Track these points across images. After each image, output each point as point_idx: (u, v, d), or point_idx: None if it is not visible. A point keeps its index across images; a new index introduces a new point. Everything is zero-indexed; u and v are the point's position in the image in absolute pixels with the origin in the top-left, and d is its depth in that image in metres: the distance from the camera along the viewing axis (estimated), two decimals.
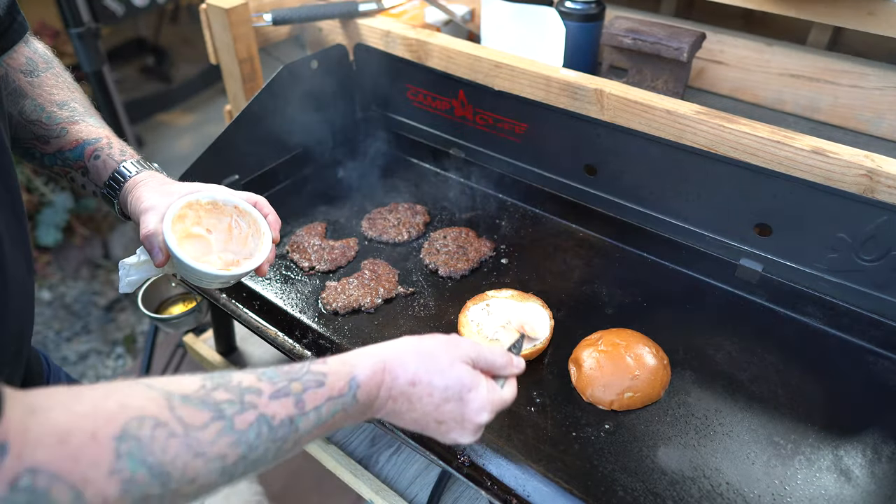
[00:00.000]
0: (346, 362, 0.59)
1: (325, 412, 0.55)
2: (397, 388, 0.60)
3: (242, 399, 0.50)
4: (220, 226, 0.79)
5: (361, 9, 1.30)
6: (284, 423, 0.52)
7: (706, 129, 0.95)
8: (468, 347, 0.64)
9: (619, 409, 0.82)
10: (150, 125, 3.36)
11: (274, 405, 0.51)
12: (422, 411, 0.61)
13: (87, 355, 2.43)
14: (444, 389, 0.61)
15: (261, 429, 0.50)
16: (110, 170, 0.80)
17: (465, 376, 0.62)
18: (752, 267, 0.96)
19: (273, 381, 0.53)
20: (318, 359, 0.58)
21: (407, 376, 0.60)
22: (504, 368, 0.66)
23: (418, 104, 1.26)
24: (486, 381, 0.64)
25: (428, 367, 0.61)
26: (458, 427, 0.62)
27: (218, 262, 0.77)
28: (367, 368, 0.59)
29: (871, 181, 0.84)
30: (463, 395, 0.61)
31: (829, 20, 1.09)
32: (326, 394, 0.55)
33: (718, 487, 0.73)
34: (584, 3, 1.16)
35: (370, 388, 0.58)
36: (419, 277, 1.04)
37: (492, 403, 0.63)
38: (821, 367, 0.88)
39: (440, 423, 0.62)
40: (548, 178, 1.15)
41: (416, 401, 0.61)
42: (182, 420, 0.45)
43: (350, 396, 0.57)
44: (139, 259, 0.78)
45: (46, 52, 0.86)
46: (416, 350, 0.62)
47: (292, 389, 0.53)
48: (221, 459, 0.47)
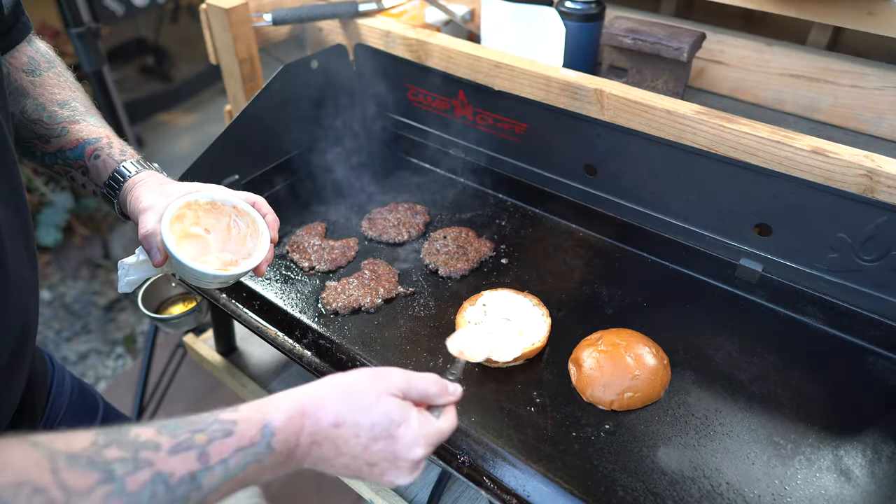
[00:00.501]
0: (259, 409, 0.54)
1: (234, 465, 0.50)
2: (320, 432, 0.56)
3: (137, 456, 0.45)
4: (218, 226, 0.79)
5: (361, 9, 1.30)
6: (184, 481, 0.47)
7: (706, 129, 0.95)
8: (396, 379, 0.61)
9: (619, 409, 0.82)
10: (150, 125, 3.36)
11: (173, 461, 0.47)
12: (350, 454, 0.57)
13: (87, 355, 2.43)
14: (371, 427, 0.57)
15: (156, 489, 0.45)
16: (110, 169, 0.80)
17: (393, 411, 0.58)
18: (752, 267, 0.96)
19: (174, 434, 0.48)
20: (229, 407, 0.54)
21: (329, 418, 0.56)
22: (438, 397, 0.63)
23: (418, 104, 1.26)
24: (417, 414, 0.60)
25: (352, 405, 0.57)
26: (391, 467, 0.59)
27: (216, 261, 0.77)
28: (282, 413, 0.54)
29: (871, 181, 0.84)
30: (392, 431, 0.58)
31: (829, 20, 1.09)
32: (235, 444, 0.51)
33: (718, 487, 0.73)
34: (584, 3, 1.16)
35: (287, 435, 0.54)
36: (419, 277, 1.04)
37: (425, 437, 0.59)
38: (821, 367, 0.88)
39: (372, 465, 0.58)
40: (548, 178, 1.15)
41: (343, 444, 0.56)
42: (64, 485, 0.41)
43: (263, 445, 0.52)
44: (138, 259, 0.78)
45: (49, 51, 0.86)
46: (338, 388, 0.59)
47: (195, 441, 0.49)
48: None
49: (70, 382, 0.95)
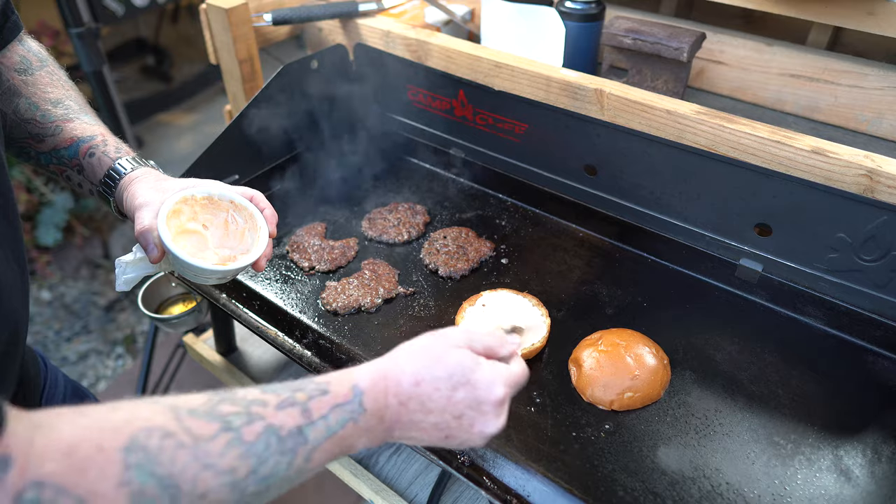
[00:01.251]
0: (347, 373, 0.57)
1: (334, 421, 0.53)
2: (404, 392, 0.58)
3: (249, 410, 0.49)
4: (216, 221, 0.79)
5: (361, 9, 1.30)
6: (293, 434, 0.50)
7: (706, 129, 0.95)
8: (459, 334, 0.63)
9: (619, 409, 0.82)
10: (150, 125, 3.36)
11: (281, 415, 0.50)
12: (437, 409, 0.58)
13: (87, 355, 2.43)
14: (449, 378, 0.59)
15: (269, 440, 0.48)
16: (105, 167, 0.79)
17: (465, 359, 0.60)
18: (752, 267, 0.96)
19: (278, 393, 0.52)
20: (319, 375, 0.57)
21: (408, 377, 0.58)
22: (501, 347, 0.64)
23: (418, 104, 1.26)
24: (487, 360, 0.62)
25: (425, 362, 0.59)
26: (478, 414, 0.59)
27: (214, 257, 0.77)
28: (366, 375, 0.57)
29: (871, 181, 0.84)
30: (468, 377, 0.59)
31: (829, 20, 1.09)
32: (332, 401, 0.53)
33: (718, 487, 0.73)
34: (584, 3, 1.16)
35: (376, 394, 0.56)
36: (419, 277, 1.04)
37: (502, 377, 0.61)
38: (821, 367, 0.88)
39: (459, 417, 0.59)
40: (548, 178, 1.15)
41: (427, 399, 0.58)
42: (190, 431, 0.44)
43: (356, 403, 0.55)
44: (135, 256, 0.78)
45: (41, 50, 0.85)
46: (409, 351, 0.61)
47: (297, 399, 0.52)
48: (231, 473, 0.46)
49: (63, 384, 0.95)
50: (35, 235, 2.52)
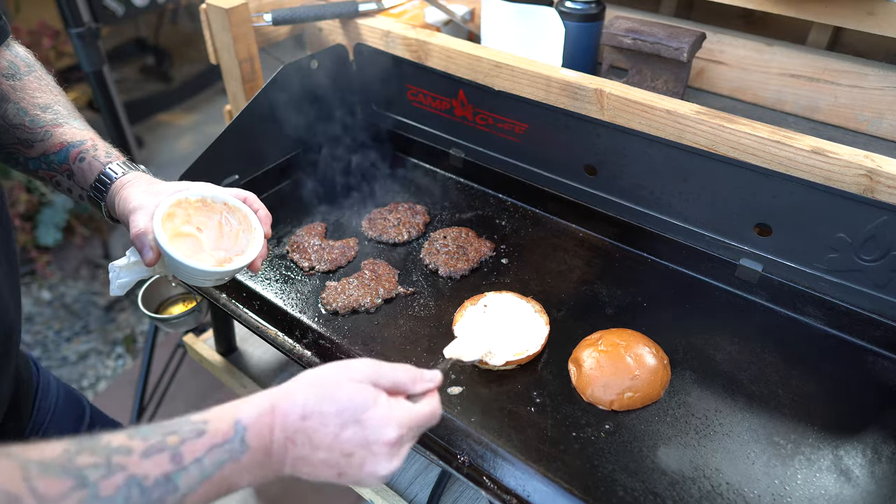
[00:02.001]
0: (231, 408, 0.54)
1: (210, 463, 0.50)
2: (290, 425, 0.55)
3: (109, 461, 0.45)
4: (210, 223, 0.79)
5: (361, 9, 1.30)
6: (159, 483, 0.46)
7: (706, 129, 0.95)
8: (364, 367, 0.60)
9: (619, 409, 0.82)
10: (150, 125, 3.36)
11: (146, 464, 0.46)
12: (324, 446, 0.56)
13: (87, 355, 2.43)
14: (338, 415, 0.56)
15: (130, 492, 0.45)
16: (96, 171, 0.79)
17: (359, 395, 0.57)
18: (752, 267, 0.96)
19: (146, 438, 0.48)
20: (200, 412, 0.54)
21: (297, 410, 0.55)
22: (412, 384, 0.62)
23: (418, 104, 1.26)
24: (386, 398, 0.59)
25: (317, 395, 0.57)
26: (368, 454, 0.57)
27: (210, 259, 0.77)
28: (253, 409, 0.54)
29: (871, 181, 0.85)
30: (358, 416, 0.56)
31: (829, 20, 1.09)
32: (208, 442, 0.50)
33: (718, 487, 0.73)
34: (584, 3, 1.16)
35: (260, 429, 0.54)
36: (419, 277, 1.04)
37: (397, 419, 0.58)
38: (821, 367, 0.88)
39: (349, 455, 0.56)
40: (548, 178, 1.15)
41: (314, 434, 0.55)
42: (37, 492, 0.41)
43: (237, 442, 0.52)
44: (129, 261, 0.77)
45: (28, 55, 0.85)
46: (305, 382, 0.58)
47: (168, 443, 0.48)
48: None
49: (56, 387, 0.95)
50: (35, 235, 2.52)
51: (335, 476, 0.58)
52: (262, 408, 0.55)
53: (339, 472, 0.58)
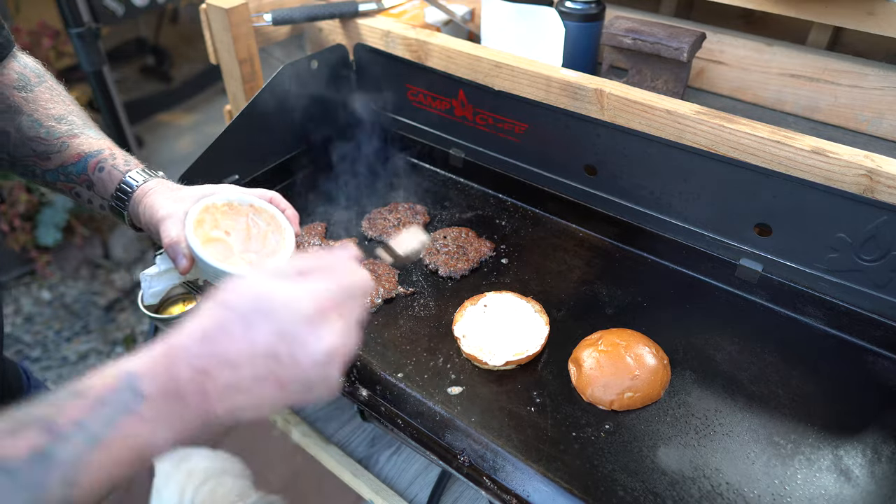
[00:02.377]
0: (119, 362, 0.47)
1: (97, 425, 0.42)
2: (195, 355, 0.47)
3: None
4: (237, 226, 0.79)
5: (361, 9, 1.30)
6: (32, 461, 0.40)
7: (706, 129, 0.95)
8: (264, 271, 0.53)
9: (619, 409, 0.82)
10: (150, 125, 3.36)
11: (9, 444, 0.40)
12: (245, 359, 0.48)
13: (87, 355, 2.43)
14: (241, 317, 0.49)
15: None
16: (116, 181, 0.78)
17: (253, 288, 0.50)
18: (752, 267, 0.96)
19: (14, 416, 0.42)
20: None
21: (195, 336, 0.48)
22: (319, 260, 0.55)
23: (418, 104, 1.26)
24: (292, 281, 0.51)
25: (213, 314, 0.49)
26: (293, 342, 0.49)
27: (241, 262, 0.77)
28: (142, 358, 0.47)
29: (871, 181, 0.85)
30: (262, 305, 0.49)
31: (829, 20, 1.09)
32: (89, 404, 0.43)
33: (718, 487, 0.73)
34: (584, 3, 1.16)
35: (157, 374, 0.46)
36: (419, 277, 1.04)
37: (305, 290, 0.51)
38: (821, 367, 0.88)
39: (274, 356, 0.48)
40: (548, 178, 1.15)
41: (227, 352, 0.48)
42: None
43: (127, 392, 0.44)
44: (160, 269, 0.78)
45: (37, 66, 0.84)
46: (197, 316, 0.50)
47: (35, 416, 0.42)
48: None
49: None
50: (35, 235, 2.52)
51: (278, 389, 0.49)
52: (154, 352, 0.48)
53: (279, 383, 0.49)
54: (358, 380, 0.87)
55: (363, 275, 0.57)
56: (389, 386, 0.85)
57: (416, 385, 0.85)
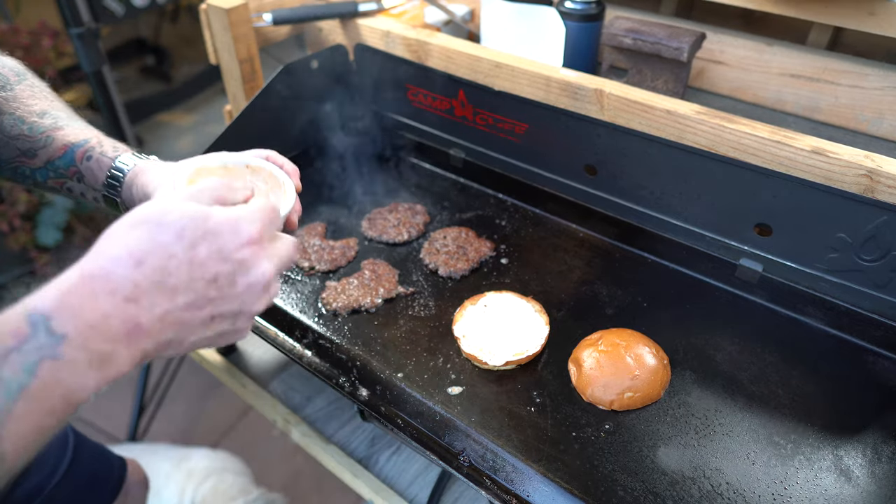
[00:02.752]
0: (21, 302, 0.42)
1: (12, 375, 0.38)
2: (122, 283, 0.42)
3: None
4: None
5: (361, 9, 1.30)
6: None
7: (706, 129, 0.95)
8: (176, 193, 0.50)
9: (619, 409, 0.82)
10: (150, 125, 3.36)
11: None
12: (183, 283, 0.44)
13: None
14: (181, 237, 0.45)
15: None
16: (106, 168, 0.76)
17: (190, 210, 0.46)
18: (752, 267, 0.96)
19: None
20: None
21: (122, 261, 0.43)
22: (232, 192, 0.52)
23: (418, 104, 1.26)
24: (220, 207, 0.49)
25: (143, 233, 0.45)
26: (235, 266, 0.47)
27: None
28: (50, 291, 0.42)
29: (872, 181, 0.84)
30: (204, 226, 0.46)
31: (829, 20, 1.09)
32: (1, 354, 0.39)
33: (718, 487, 0.73)
34: (584, 3, 1.16)
35: (73, 309, 0.41)
36: (419, 277, 1.04)
37: (245, 213, 0.49)
38: (821, 367, 0.88)
39: (214, 280, 0.46)
40: (548, 178, 1.15)
41: (166, 276, 0.44)
42: None
43: (42, 335, 0.40)
44: None
45: (17, 65, 0.82)
46: (117, 231, 0.45)
47: None
48: None
49: None
50: (35, 235, 2.52)
51: (208, 321, 0.46)
52: (67, 283, 0.42)
53: (215, 314, 0.46)
54: (358, 380, 0.87)
55: (273, 206, 0.53)
56: (389, 386, 0.85)
57: (416, 385, 0.85)
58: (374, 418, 0.85)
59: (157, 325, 0.44)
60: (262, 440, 2.05)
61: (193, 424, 2.13)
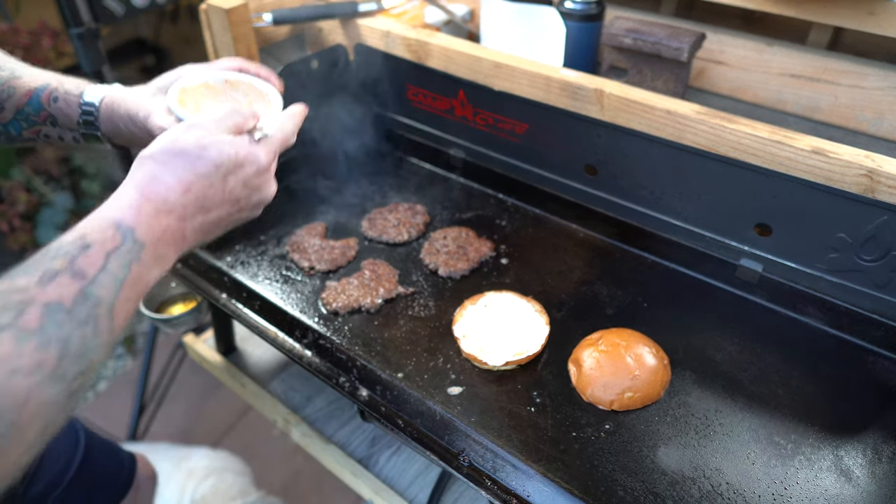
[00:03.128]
0: (97, 217, 0.53)
1: (117, 268, 0.50)
2: (175, 205, 0.56)
3: (13, 302, 0.44)
4: (218, 106, 0.75)
5: (361, 9, 1.30)
6: (78, 301, 0.46)
7: (706, 129, 0.95)
8: (206, 124, 0.62)
9: (619, 409, 0.82)
10: None
11: (52, 290, 0.46)
12: (216, 205, 0.60)
13: None
14: (217, 169, 0.59)
15: (56, 317, 0.45)
16: (75, 106, 0.77)
17: (224, 145, 0.60)
18: (752, 267, 0.96)
19: (28, 273, 0.46)
20: (62, 234, 0.52)
21: (175, 188, 0.56)
22: (245, 121, 0.65)
23: (418, 104, 1.26)
24: (240, 137, 0.63)
25: (187, 164, 0.58)
26: (252, 191, 0.64)
27: None
28: (126, 207, 0.54)
29: (872, 181, 0.84)
30: (234, 160, 0.61)
31: (829, 20, 1.09)
32: (101, 252, 0.50)
33: (719, 487, 0.73)
34: (584, 3, 1.16)
35: (148, 223, 0.54)
36: (419, 277, 1.04)
37: (263, 147, 0.65)
38: (821, 367, 0.88)
39: (236, 201, 0.62)
40: (548, 178, 1.15)
41: (204, 200, 0.58)
42: None
43: (130, 243, 0.52)
44: None
45: None
46: (162, 160, 0.58)
47: (57, 268, 0.47)
48: (40, 367, 0.42)
49: None
50: (35, 235, 2.52)
51: (227, 225, 0.64)
52: (136, 202, 0.54)
53: (232, 220, 0.64)
54: (358, 380, 0.87)
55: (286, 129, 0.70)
56: (389, 386, 0.85)
57: (416, 385, 0.85)
58: (374, 418, 0.85)
59: (195, 234, 0.59)
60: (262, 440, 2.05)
61: (193, 424, 2.13)
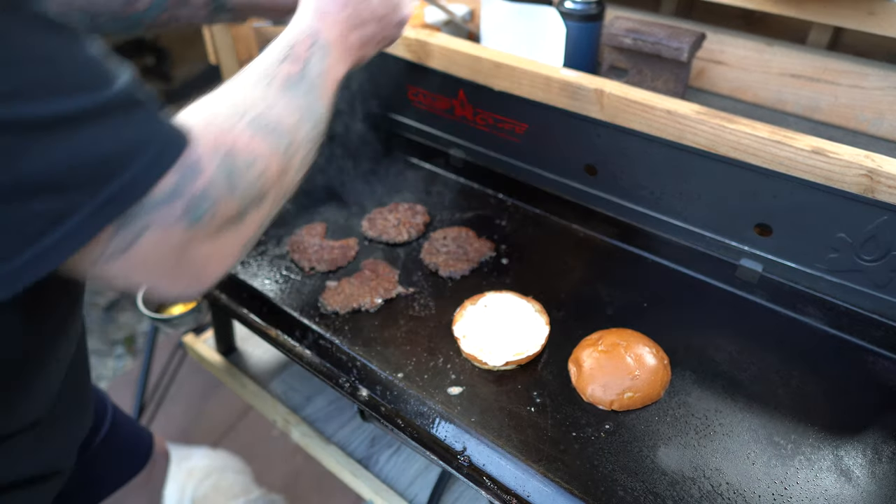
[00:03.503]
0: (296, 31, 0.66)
1: (318, 61, 0.65)
2: (341, 19, 0.69)
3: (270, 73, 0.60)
4: None
5: None
6: (303, 74, 0.63)
7: (706, 129, 0.95)
8: None
9: (619, 409, 0.82)
10: None
11: (286, 67, 0.62)
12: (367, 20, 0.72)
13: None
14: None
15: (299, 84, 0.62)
16: None
17: None
18: (752, 267, 0.96)
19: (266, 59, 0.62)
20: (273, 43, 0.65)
21: (338, 4, 0.69)
22: None
23: (418, 104, 1.26)
24: None
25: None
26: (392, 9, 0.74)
27: None
28: (312, 22, 0.67)
29: (872, 181, 0.84)
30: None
31: (829, 20, 1.09)
32: (304, 52, 0.64)
33: (719, 487, 0.73)
34: (584, 3, 1.16)
35: (328, 34, 0.68)
36: (419, 277, 1.04)
37: None
38: (821, 367, 0.88)
39: (382, 18, 0.74)
40: (548, 178, 1.15)
41: (359, 15, 0.71)
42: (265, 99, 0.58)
43: (320, 47, 0.66)
44: None
45: None
46: None
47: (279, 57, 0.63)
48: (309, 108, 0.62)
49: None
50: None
51: (375, 44, 0.76)
52: (313, 18, 0.68)
53: (377, 39, 0.75)
54: (358, 380, 0.87)
55: None
56: (389, 386, 0.85)
57: (416, 385, 0.85)
58: (374, 418, 0.85)
59: (356, 44, 0.72)
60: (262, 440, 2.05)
61: (193, 424, 2.13)
